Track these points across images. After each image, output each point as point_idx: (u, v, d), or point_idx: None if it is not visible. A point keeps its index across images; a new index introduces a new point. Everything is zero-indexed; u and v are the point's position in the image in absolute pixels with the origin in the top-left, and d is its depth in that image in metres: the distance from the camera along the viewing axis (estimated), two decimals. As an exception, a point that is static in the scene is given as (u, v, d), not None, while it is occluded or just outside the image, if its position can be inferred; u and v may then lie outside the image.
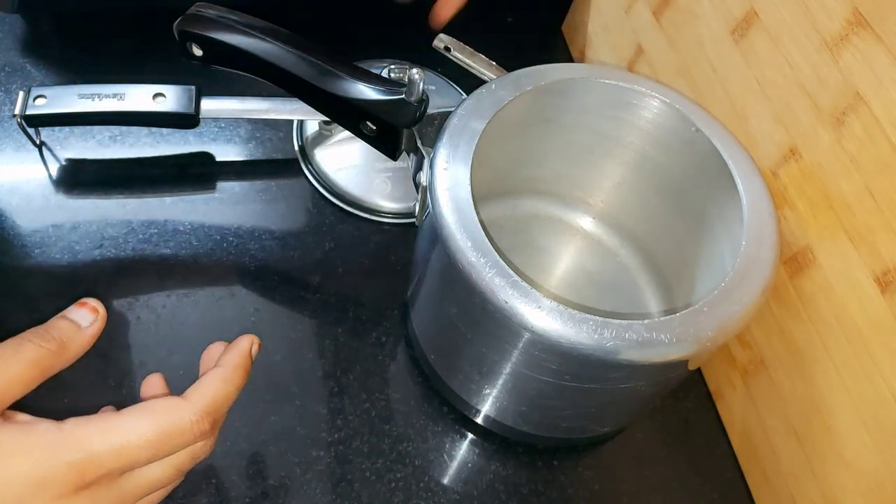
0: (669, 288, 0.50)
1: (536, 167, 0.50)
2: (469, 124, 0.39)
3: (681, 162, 0.44)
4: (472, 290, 0.34)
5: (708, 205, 0.43)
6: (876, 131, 0.35)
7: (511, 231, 0.52)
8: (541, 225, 0.53)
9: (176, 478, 0.30)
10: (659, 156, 0.45)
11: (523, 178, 0.51)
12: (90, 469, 0.25)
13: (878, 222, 0.35)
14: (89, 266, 0.49)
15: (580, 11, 0.67)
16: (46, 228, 0.51)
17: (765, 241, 0.37)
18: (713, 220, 0.43)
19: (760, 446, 0.45)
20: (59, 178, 0.54)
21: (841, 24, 0.36)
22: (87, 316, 0.31)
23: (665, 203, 0.47)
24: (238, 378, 0.32)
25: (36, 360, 0.28)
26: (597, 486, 0.46)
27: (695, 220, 0.45)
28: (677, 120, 0.43)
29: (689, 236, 0.46)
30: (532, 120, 0.45)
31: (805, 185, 0.40)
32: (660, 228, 0.49)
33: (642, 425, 0.49)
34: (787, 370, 0.42)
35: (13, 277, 0.48)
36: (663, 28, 0.53)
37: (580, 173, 0.51)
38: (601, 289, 0.51)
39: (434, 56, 0.61)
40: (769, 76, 0.42)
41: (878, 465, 0.36)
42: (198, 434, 0.28)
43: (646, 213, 0.50)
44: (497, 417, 0.45)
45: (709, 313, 0.34)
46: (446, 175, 0.37)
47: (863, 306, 0.36)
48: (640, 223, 0.51)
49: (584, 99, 0.44)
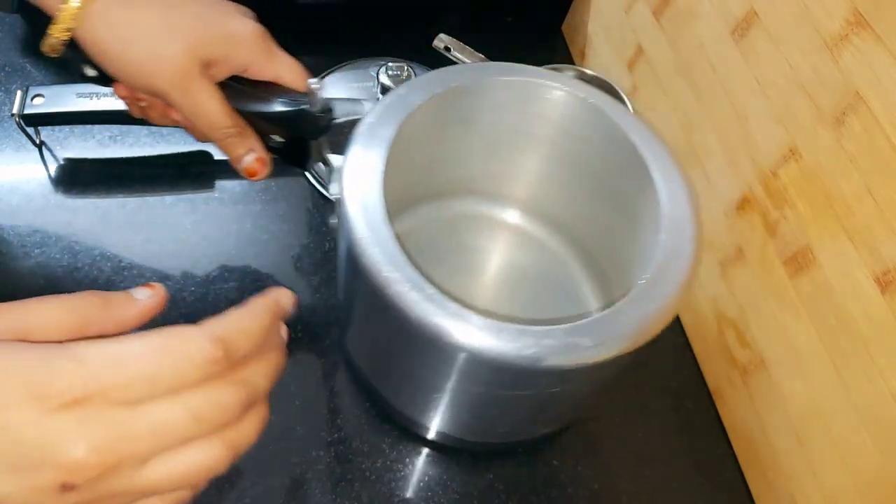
0: (607, 279, 0.48)
1: (460, 167, 0.49)
2: (379, 132, 0.38)
3: (601, 154, 0.44)
4: (386, 305, 0.32)
5: (632, 195, 0.42)
6: (876, 131, 0.35)
7: (442, 233, 0.51)
8: (471, 224, 0.52)
9: (191, 429, 0.24)
10: (578, 148, 0.45)
11: (449, 178, 0.50)
12: (86, 380, 0.22)
13: (878, 222, 0.35)
14: (89, 265, 0.49)
15: (580, 11, 0.67)
16: (46, 228, 0.51)
17: (684, 234, 0.36)
18: (639, 210, 0.42)
19: (760, 446, 0.45)
20: (58, 177, 0.54)
21: (841, 24, 0.36)
22: (145, 291, 0.28)
23: (591, 194, 0.47)
24: (260, 317, 0.27)
25: (76, 307, 0.26)
26: (597, 486, 0.46)
27: (622, 210, 0.44)
28: (591, 113, 0.42)
29: (619, 226, 0.45)
30: (449, 121, 0.44)
31: (805, 185, 0.40)
32: (589, 219, 0.48)
33: (642, 425, 0.49)
34: (787, 370, 0.42)
35: (13, 277, 0.48)
36: (663, 28, 0.53)
37: (504, 169, 0.50)
38: (536, 283, 0.51)
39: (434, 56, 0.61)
40: (769, 76, 0.42)
41: (878, 465, 0.36)
42: (207, 359, 0.23)
43: (572, 205, 0.49)
44: (443, 430, 0.44)
45: (629, 313, 0.33)
46: (357, 187, 0.35)
47: (863, 306, 0.36)
48: (568, 214, 0.50)
49: (499, 97, 0.43)
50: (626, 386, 0.50)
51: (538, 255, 0.52)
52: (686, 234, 0.36)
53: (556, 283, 0.51)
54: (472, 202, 0.53)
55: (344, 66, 0.61)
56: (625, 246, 0.44)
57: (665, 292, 0.34)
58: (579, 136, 0.44)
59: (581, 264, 0.51)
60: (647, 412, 0.49)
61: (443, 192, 0.51)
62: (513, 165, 0.49)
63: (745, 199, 0.45)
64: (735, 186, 0.46)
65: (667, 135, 0.54)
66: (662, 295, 0.34)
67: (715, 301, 0.49)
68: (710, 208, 0.49)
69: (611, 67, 0.62)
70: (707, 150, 0.49)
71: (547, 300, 0.50)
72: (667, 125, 0.53)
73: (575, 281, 0.50)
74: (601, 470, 0.47)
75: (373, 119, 0.38)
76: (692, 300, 0.52)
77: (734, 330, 0.47)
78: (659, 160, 0.39)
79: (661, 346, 0.53)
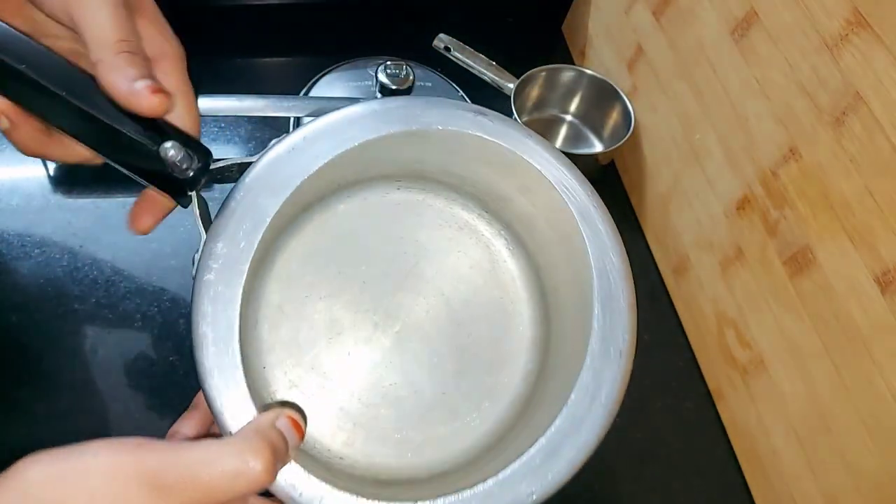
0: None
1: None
2: (258, 201, 0.31)
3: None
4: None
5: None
6: (876, 131, 0.35)
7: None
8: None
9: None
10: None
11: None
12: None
13: (878, 222, 0.35)
14: (89, 266, 0.49)
15: (580, 11, 0.67)
16: (46, 228, 0.51)
17: (604, 385, 0.33)
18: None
19: (760, 446, 0.45)
20: (58, 177, 0.54)
21: (841, 24, 0.36)
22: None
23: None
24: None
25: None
26: (597, 486, 0.46)
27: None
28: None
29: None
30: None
31: (805, 185, 0.40)
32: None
33: (642, 425, 0.49)
34: (787, 370, 0.42)
35: (13, 277, 0.48)
36: (663, 28, 0.53)
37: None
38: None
39: (434, 56, 0.61)
40: (769, 76, 0.42)
41: (878, 465, 0.36)
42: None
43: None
44: None
45: (517, 484, 0.30)
46: (212, 293, 0.29)
47: (863, 306, 0.36)
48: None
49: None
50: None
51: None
52: (606, 385, 0.33)
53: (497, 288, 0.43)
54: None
55: (343, 66, 0.61)
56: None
57: (567, 459, 0.31)
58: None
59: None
60: (647, 412, 0.49)
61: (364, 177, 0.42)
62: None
63: (745, 199, 0.45)
64: (735, 186, 0.46)
65: (667, 135, 0.54)
66: (566, 461, 0.31)
67: (715, 301, 0.49)
68: (710, 208, 0.49)
69: (611, 67, 0.62)
70: (707, 150, 0.49)
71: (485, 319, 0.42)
72: (667, 125, 0.53)
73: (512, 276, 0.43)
74: (601, 470, 0.47)
75: (253, 182, 0.32)
76: (692, 300, 0.52)
77: (734, 330, 0.47)
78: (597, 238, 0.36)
79: (660, 345, 0.53)
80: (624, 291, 0.35)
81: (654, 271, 0.56)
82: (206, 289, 0.30)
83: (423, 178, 0.43)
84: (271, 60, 0.66)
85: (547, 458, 0.31)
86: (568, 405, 0.32)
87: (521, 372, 0.40)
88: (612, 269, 0.35)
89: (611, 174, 0.62)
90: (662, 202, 0.55)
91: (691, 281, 0.52)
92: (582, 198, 0.37)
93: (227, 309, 0.30)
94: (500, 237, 0.43)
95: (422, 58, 0.60)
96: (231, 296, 0.30)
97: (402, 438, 0.37)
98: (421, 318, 0.40)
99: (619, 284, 0.35)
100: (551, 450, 0.31)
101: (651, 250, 0.57)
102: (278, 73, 0.66)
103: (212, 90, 0.53)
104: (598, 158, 0.60)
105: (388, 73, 0.58)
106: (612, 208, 0.37)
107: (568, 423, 0.32)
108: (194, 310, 0.29)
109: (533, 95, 0.63)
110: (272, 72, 0.66)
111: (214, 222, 0.31)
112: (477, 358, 0.40)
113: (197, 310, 0.29)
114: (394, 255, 0.42)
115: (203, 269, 0.30)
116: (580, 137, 0.63)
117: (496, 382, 0.40)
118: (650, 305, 0.55)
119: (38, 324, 0.47)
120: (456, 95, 0.61)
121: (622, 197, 0.60)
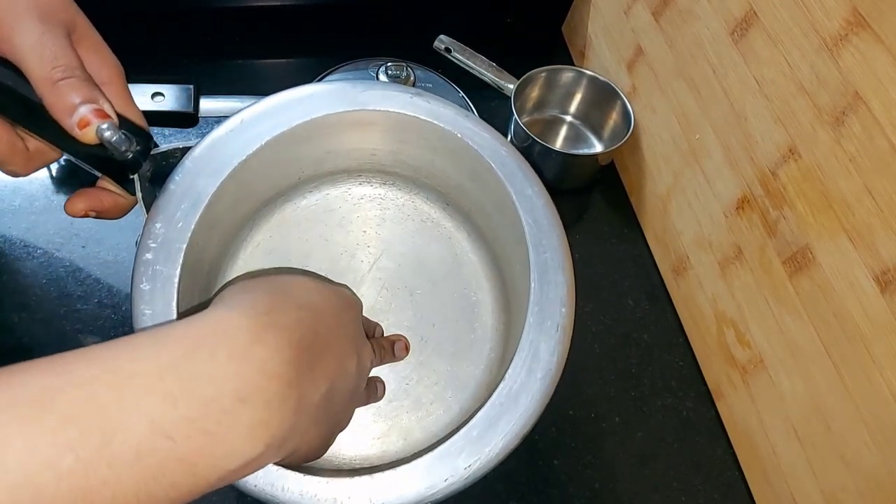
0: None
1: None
2: (197, 182, 0.31)
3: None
4: None
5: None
6: (875, 131, 0.35)
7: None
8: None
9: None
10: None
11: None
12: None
13: (877, 222, 0.35)
14: (92, 266, 0.50)
15: (580, 12, 0.68)
16: (48, 229, 0.51)
17: (537, 366, 0.33)
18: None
19: (760, 446, 0.45)
20: (61, 178, 0.54)
21: (840, 24, 0.36)
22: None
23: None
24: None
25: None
26: (597, 486, 0.46)
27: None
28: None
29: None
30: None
31: (805, 184, 0.40)
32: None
33: (642, 425, 0.49)
34: (787, 370, 0.42)
35: (16, 277, 0.49)
36: (663, 28, 0.53)
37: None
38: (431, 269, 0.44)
39: (435, 57, 0.61)
40: (769, 76, 0.42)
41: (878, 465, 0.36)
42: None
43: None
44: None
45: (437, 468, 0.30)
46: (150, 271, 0.30)
47: (863, 306, 0.36)
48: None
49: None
50: (626, 386, 0.50)
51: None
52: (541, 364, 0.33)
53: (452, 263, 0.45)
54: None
55: (344, 67, 0.61)
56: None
57: (492, 443, 0.32)
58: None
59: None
60: (647, 412, 0.49)
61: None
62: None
63: (745, 198, 0.45)
64: (734, 186, 0.46)
65: (666, 135, 0.54)
66: (490, 446, 0.32)
67: (714, 301, 0.49)
68: (710, 208, 0.49)
69: (610, 68, 0.62)
70: (706, 150, 0.49)
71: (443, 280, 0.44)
72: (666, 125, 0.54)
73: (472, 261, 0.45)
74: (601, 470, 0.47)
75: (193, 164, 0.32)
76: (692, 300, 0.52)
77: (734, 330, 0.47)
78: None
79: (660, 345, 0.53)
80: (562, 265, 0.35)
81: (653, 271, 0.56)
82: (144, 268, 0.30)
83: (383, 172, 0.44)
84: (272, 62, 0.66)
85: (484, 432, 0.31)
86: (505, 379, 0.33)
87: (484, 361, 0.41)
88: (548, 245, 0.36)
89: (611, 174, 0.62)
90: (662, 202, 0.55)
91: (691, 281, 0.52)
92: (514, 169, 0.37)
93: (165, 287, 0.30)
94: (462, 230, 0.44)
95: (422, 59, 0.61)
96: (168, 274, 0.30)
97: (366, 428, 0.37)
98: (385, 310, 0.41)
99: (555, 257, 0.35)
100: (488, 424, 0.32)
101: (651, 250, 0.57)
102: (279, 74, 0.66)
103: (212, 91, 0.53)
104: (598, 159, 0.60)
105: (388, 74, 0.58)
106: (612, 208, 0.37)
107: (504, 397, 0.32)
108: (133, 289, 0.30)
109: (533, 96, 0.63)
110: (273, 73, 0.66)
111: (154, 203, 0.32)
112: (441, 348, 0.41)
113: (136, 288, 0.30)
114: (357, 249, 0.42)
115: (142, 248, 0.31)
116: (580, 138, 0.63)
117: (459, 372, 0.40)
118: (650, 305, 0.55)
119: (41, 324, 0.47)
120: (456, 96, 0.61)
121: (622, 197, 0.60)
